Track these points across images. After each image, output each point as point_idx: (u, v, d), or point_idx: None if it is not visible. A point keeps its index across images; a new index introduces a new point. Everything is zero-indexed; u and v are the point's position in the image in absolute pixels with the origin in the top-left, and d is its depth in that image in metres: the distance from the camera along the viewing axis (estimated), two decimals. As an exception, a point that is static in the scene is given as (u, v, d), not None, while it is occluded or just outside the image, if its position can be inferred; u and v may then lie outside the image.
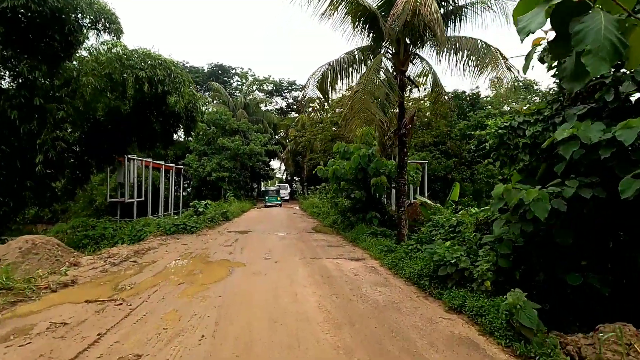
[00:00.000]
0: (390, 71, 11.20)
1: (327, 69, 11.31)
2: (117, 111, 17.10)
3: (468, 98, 41.12)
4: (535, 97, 44.56)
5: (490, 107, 42.68)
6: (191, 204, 21.22)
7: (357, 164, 12.49)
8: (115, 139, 17.74)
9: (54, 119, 12.42)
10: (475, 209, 13.23)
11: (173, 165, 29.91)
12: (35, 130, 11.97)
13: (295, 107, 47.46)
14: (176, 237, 12.14)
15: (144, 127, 18.28)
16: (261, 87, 44.04)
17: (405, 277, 6.74)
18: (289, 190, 43.01)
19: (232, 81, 44.83)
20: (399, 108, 10.87)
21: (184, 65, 42.25)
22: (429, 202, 13.74)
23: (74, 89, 13.49)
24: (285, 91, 47.56)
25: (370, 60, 10.82)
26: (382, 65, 10.69)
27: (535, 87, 45.70)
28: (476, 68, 9.47)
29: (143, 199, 23.79)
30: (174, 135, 18.99)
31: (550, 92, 38.57)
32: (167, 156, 37.21)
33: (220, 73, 43.96)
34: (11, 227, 37.05)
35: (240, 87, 43.44)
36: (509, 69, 9.08)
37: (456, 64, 10.01)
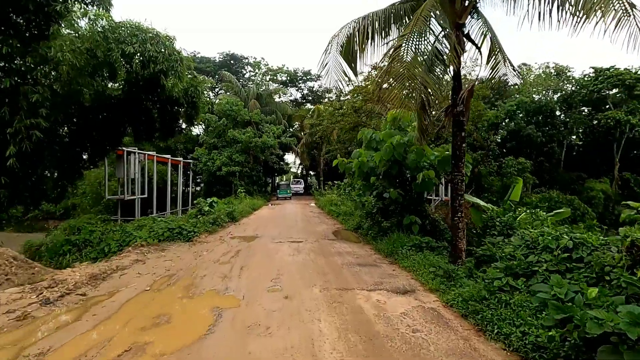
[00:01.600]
0: (440, 29, 8.20)
1: (354, 27, 8.37)
2: (106, 96, 14.63)
3: (495, 86, 37.16)
4: (568, 85, 40.17)
5: (519, 95, 38.66)
6: (195, 202, 18.76)
7: (391, 155, 9.55)
8: (107, 129, 15.30)
9: (27, 104, 9.99)
10: (541, 213, 10.14)
11: (181, 159, 27.55)
12: (7, 117, 9.62)
13: (310, 98, 44.57)
14: (163, 248, 9.54)
15: (139, 115, 15.79)
16: (275, 78, 41.28)
17: (506, 344, 3.84)
18: (302, 185, 41.60)
19: (244, 71, 42.19)
20: (454, 78, 7.85)
21: (194, 55, 39.90)
22: (482, 202, 10.70)
23: (51, 68, 11.04)
24: (300, 82, 44.63)
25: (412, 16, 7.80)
26: (429, 22, 7.67)
27: (569, 73, 41.17)
28: (577, 12, 6.28)
29: (146, 195, 21.47)
30: (175, 124, 16.45)
31: (585, 78, 34.39)
32: (178, 150, 35.07)
33: (232, 63, 41.34)
34: (23, 223, 35.21)
35: (253, 77, 40.80)
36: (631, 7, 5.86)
37: (540, 15, 6.84)
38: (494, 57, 8.32)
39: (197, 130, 41.57)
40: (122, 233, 12.25)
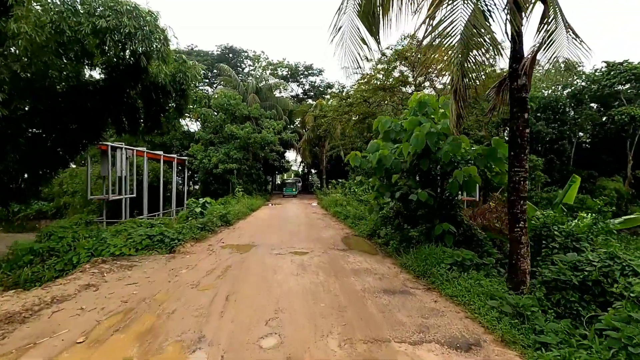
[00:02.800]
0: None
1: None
2: (82, 82, 12.58)
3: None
4: (577, 79, 38.07)
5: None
6: (187, 202, 16.75)
7: (422, 146, 7.48)
8: (84, 121, 13.23)
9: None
10: (608, 221, 8.09)
11: (175, 156, 25.51)
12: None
13: (312, 93, 42.44)
14: (133, 263, 7.48)
15: (120, 104, 13.73)
16: (275, 72, 39.14)
17: None
18: (300, 184, 41.27)
19: (243, 65, 40.06)
20: (512, 42, 5.79)
21: (191, 49, 37.80)
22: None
23: (9, 45, 9.11)
24: (301, 76, 42.50)
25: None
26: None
27: (579, 68, 39.03)
28: None
29: (134, 195, 19.45)
30: (162, 116, 14.37)
31: (596, 73, 32.35)
32: (173, 147, 33.00)
33: (231, 57, 39.20)
34: (14, 223, 33.06)
35: (252, 72, 38.66)
36: None
37: None
38: (548, 18, 6.23)
39: (194, 126, 39.56)
40: (96, 240, 10.26)
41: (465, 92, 5.87)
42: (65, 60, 10.94)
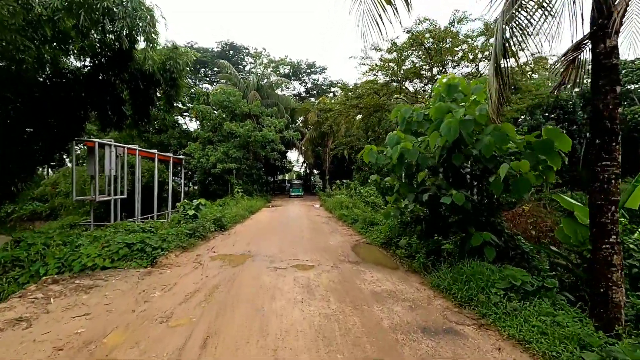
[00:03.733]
0: None
1: None
2: (59, 69, 11.10)
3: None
4: (587, 78, 36.46)
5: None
6: (179, 204, 15.23)
7: (455, 136, 5.91)
8: (64, 112, 11.74)
9: None
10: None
11: (171, 154, 24.00)
12: None
13: (315, 92, 40.91)
14: (94, 282, 5.92)
15: (104, 95, 12.25)
16: (277, 70, 37.63)
17: None
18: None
19: (244, 63, 38.57)
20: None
21: (191, 45, 36.35)
22: (572, 201, 7.00)
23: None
24: (304, 74, 40.97)
25: None
26: None
27: (588, 67, 37.61)
28: None
29: (125, 196, 17.94)
30: (150, 108, 12.84)
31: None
32: (171, 145, 31.51)
33: (232, 53, 37.72)
34: (6, 224, 31.46)
35: (253, 70, 37.16)
36: None
37: None
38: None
39: (194, 125, 38.06)
40: (70, 248, 8.74)
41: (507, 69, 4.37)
42: (37, 43, 9.41)
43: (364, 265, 7.24)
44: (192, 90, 31.26)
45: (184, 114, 40.68)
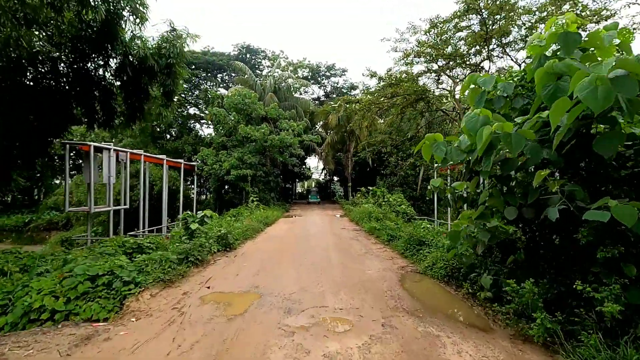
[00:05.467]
0: None
1: None
2: (33, 54, 9.02)
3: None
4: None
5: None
6: (180, 216, 12.92)
7: (610, 102, 3.15)
8: (44, 108, 9.66)
9: None
10: None
11: (181, 161, 21.97)
12: None
13: (334, 96, 38.47)
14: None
15: (90, 87, 10.12)
16: (295, 73, 35.50)
17: None
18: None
19: (262, 67, 36.75)
20: None
21: (207, 50, 34.82)
22: None
23: None
24: (323, 77, 38.70)
25: None
26: None
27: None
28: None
29: (127, 206, 15.88)
30: (145, 103, 10.63)
31: None
32: (185, 152, 29.71)
33: (249, 57, 35.96)
34: (23, 234, 30.16)
35: (270, 73, 35.23)
36: None
37: None
38: None
39: (210, 131, 36.38)
40: (27, 278, 6.47)
41: None
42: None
43: (433, 320, 4.47)
44: (208, 94, 29.46)
45: (202, 121, 39.29)
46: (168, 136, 34.69)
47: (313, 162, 54.64)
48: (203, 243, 8.40)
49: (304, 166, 36.31)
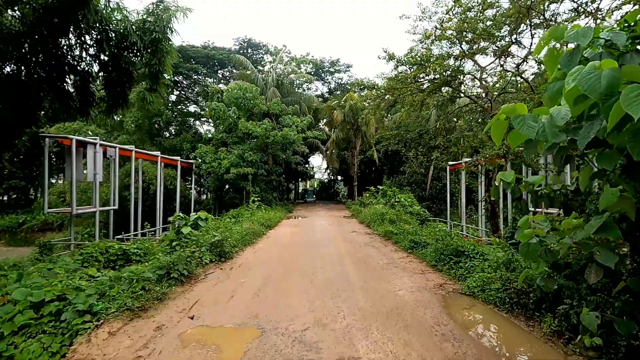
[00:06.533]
0: None
1: None
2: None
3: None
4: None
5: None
6: (171, 219, 11.31)
7: None
8: (8, 95, 8.10)
9: None
10: None
11: (178, 158, 20.39)
12: None
13: (338, 92, 36.86)
14: None
15: (60, 66, 8.58)
16: (299, 69, 33.91)
17: None
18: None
19: (264, 62, 35.13)
20: None
21: (207, 45, 33.25)
22: None
23: None
24: (327, 73, 37.07)
25: None
26: None
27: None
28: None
29: (116, 207, 14.41)
30: (128, 86, 9.06)
31: None
32: (183, 150, 28.15)
33: (250, 51, 34.37)
34: (17, 235, 28.49)
35: (272, 69, 33.70)
36: None
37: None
38: None
39: (209, 127, 34.83)
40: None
41: None
42: None
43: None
44: (208, 89, 27.88)
45: (202, 119, 37.74)
46: (167, 134, 33.20)
47: (316, 162, 53.08)
48: (191, 253, 6.81)
49: (307, 165, 34.71)
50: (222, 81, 35.99)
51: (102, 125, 30.28)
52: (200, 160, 21.87)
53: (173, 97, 34.98)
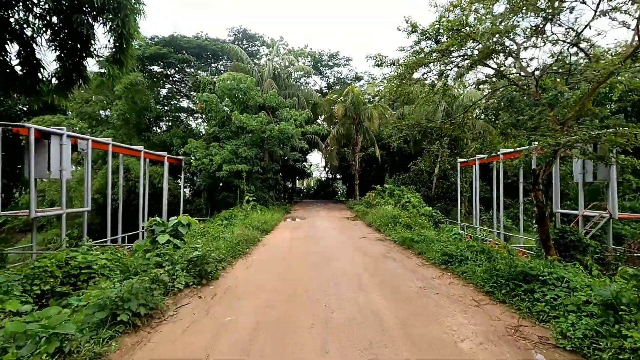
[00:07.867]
0: None
1: None
2: None
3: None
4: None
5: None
6: (145, 225, 9.33)
7: None
8: None
9: None
10: None
11: (164, 154, 18.30)
12: None
13: (337, 87, 34.90)
14: None
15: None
16: (297, 62, 31.91)
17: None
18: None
19: (260, 54, 33.01)
20: None
21: (199, 35, 31.07)
22: None
23: None
24: (325, 67, 35.04)
25: None
26: None
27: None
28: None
29: (89, 208, 12.39)
30: (84, 57, 7.08)
31: None
32: (173, 146, 25.98)
33: (245, 42, 32.21)
34: None
35: (269, 61, 31.68)
36: None
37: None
38: None
39: (202, 122, 32.66)
40: None
41: None
42: None
43: None
44: (198, 79, 25.75)
45: (195, 114, 35.53)
46: (158, 130, 31.02)
47: (314, 159, 51.14)
48: (157, 277, 4.82)
49: (306, 164, 32.76)
50: (215, 75, 33.86)
51: (86, 118, 28.04)
52: (189, 156, 19.81)
53: (164, 91, 32.79)
